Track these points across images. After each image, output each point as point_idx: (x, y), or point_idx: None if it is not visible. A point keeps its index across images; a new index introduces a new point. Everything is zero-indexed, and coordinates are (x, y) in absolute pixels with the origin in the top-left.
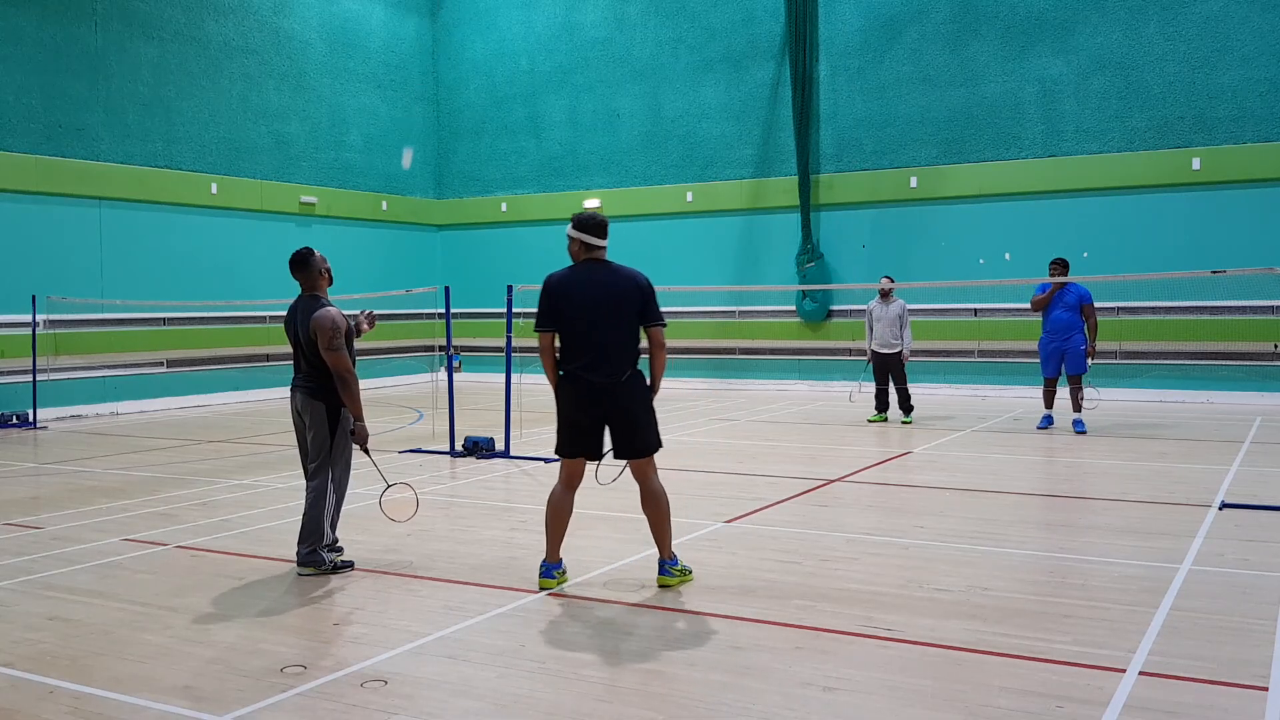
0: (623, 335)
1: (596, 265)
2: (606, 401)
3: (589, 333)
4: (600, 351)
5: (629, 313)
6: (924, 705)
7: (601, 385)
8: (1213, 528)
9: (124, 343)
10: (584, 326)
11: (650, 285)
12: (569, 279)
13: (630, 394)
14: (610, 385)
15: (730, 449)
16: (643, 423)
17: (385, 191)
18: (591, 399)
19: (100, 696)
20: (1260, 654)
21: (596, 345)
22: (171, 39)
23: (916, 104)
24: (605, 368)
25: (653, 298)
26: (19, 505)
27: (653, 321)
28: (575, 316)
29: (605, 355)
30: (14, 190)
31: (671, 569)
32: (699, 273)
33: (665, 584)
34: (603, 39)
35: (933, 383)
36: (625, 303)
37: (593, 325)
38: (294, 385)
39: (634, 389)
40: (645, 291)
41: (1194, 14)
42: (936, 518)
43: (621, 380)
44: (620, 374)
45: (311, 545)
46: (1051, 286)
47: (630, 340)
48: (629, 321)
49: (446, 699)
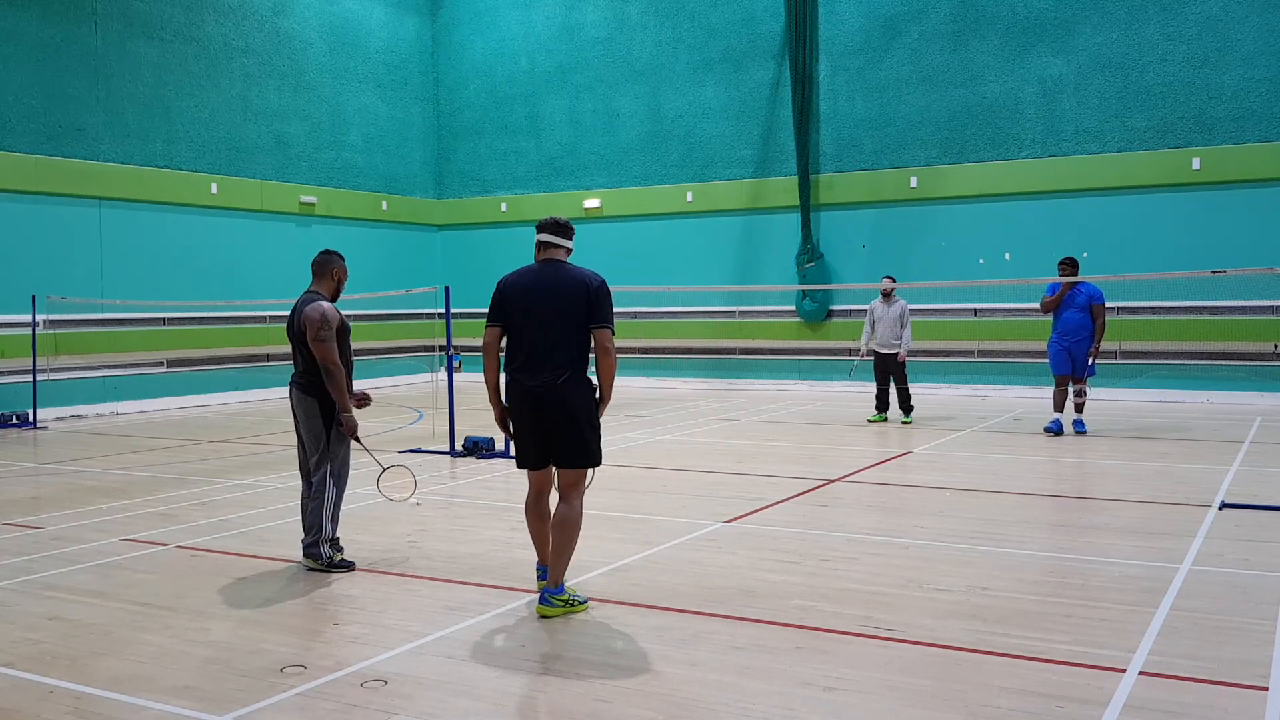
0: (562, 337)
1: (549, 265)
2: (543, 406)
3: (529, 333)
4: (537, 353)
5: (573, 314)
6: (924, 705)
7: (536, 389)
8: (1213, 528)
9: (124, 343)
10: (525, 326)
11: (603, 287)
12: (519, 278)
13: (567, 399)
14: (545, 389)
15: (730, 449)
16: (578, 432)
17: (385, 191)
18: (528, 403)
19: (100, 696)
20: (1260, 654)
21: (534, 346)
22: (172, 39)
23: (916, 104)
24: (541, 371)
25: (602, 300)
26: (19, 505)
27: (597, 323)
28: (519, 316)
29: (541, 357)
30: (14, 190)
31: (554, 599)
32: (699, 273)
33: (545, 614)
34: (603, 39)
35: (933, 383)
36: (570, 303)
37: (533, 326)
38: (290, 381)
39: (573, 395)
40: (594, 292)
41: (1194, 14)
42: (936, 518)
43: (558, 384)
44: (556, 377)
45: (313, 538)
46: (1061, 287)
47: (571, 343)
48: (572, 323)
49: (446, 699)
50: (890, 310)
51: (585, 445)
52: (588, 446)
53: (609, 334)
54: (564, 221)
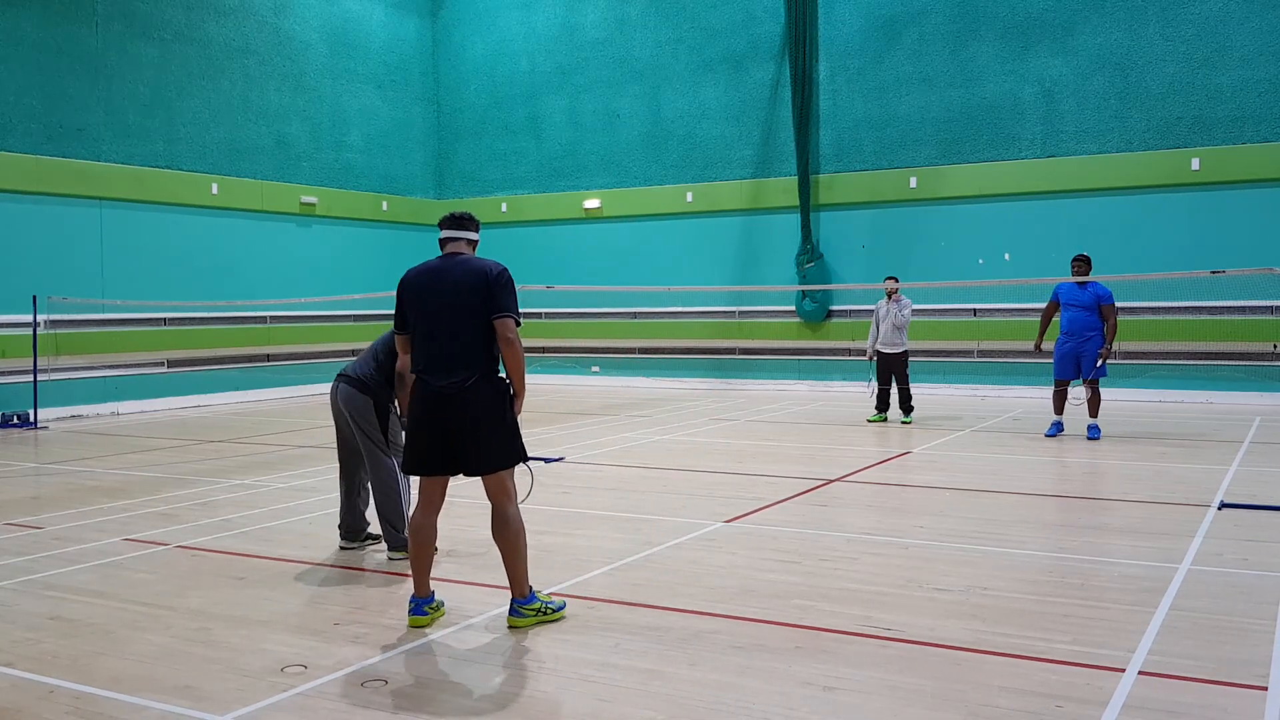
0: (463, 333)
1: (449, 259)
2: (449, 410)
3: (429, 332)
4: (438, 352)
5: (472, 307)
6: (924, 705)
7: (442, 391)
8: (1212, 528)
9: (124, 343)
10: (424, 325)
11: (503, 275)
12: (417, 274)
13: (474, 402)
14: (451, 392)
15: (730, 449)
16: (487, 435)
17: (385, 191)
18: (432, 406)
19: (100, 696)
20: (1260, 654)
21: (434, 345)
22: (172, 39)
23: (916, 104)
24: (444, 372)
25: (504, 289)
26: (19, 505)
27: (497, 312)
28: (418, 314)
29: (443, 356)
30: (14, 190)
31: (522, 609)
32: (699, 273)
33: (515, 625)
34: (603, 39)
35: (933, 383)
36: (467, 295)
37: (432, 323)
38: (338, 378)
39: (480, 397)
40: (492, 281)
41: (1194, 14)
42: (936, 518)
43: (466, 386)
44: (462, 379)
45: (396, 528)
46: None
47: (474, 340)
48: (471, 317)
49: (446, 699)
50: (893, 310)
51: (500, 446)
52: (503, 446)
53: (511, 324)
54: (463, 214)
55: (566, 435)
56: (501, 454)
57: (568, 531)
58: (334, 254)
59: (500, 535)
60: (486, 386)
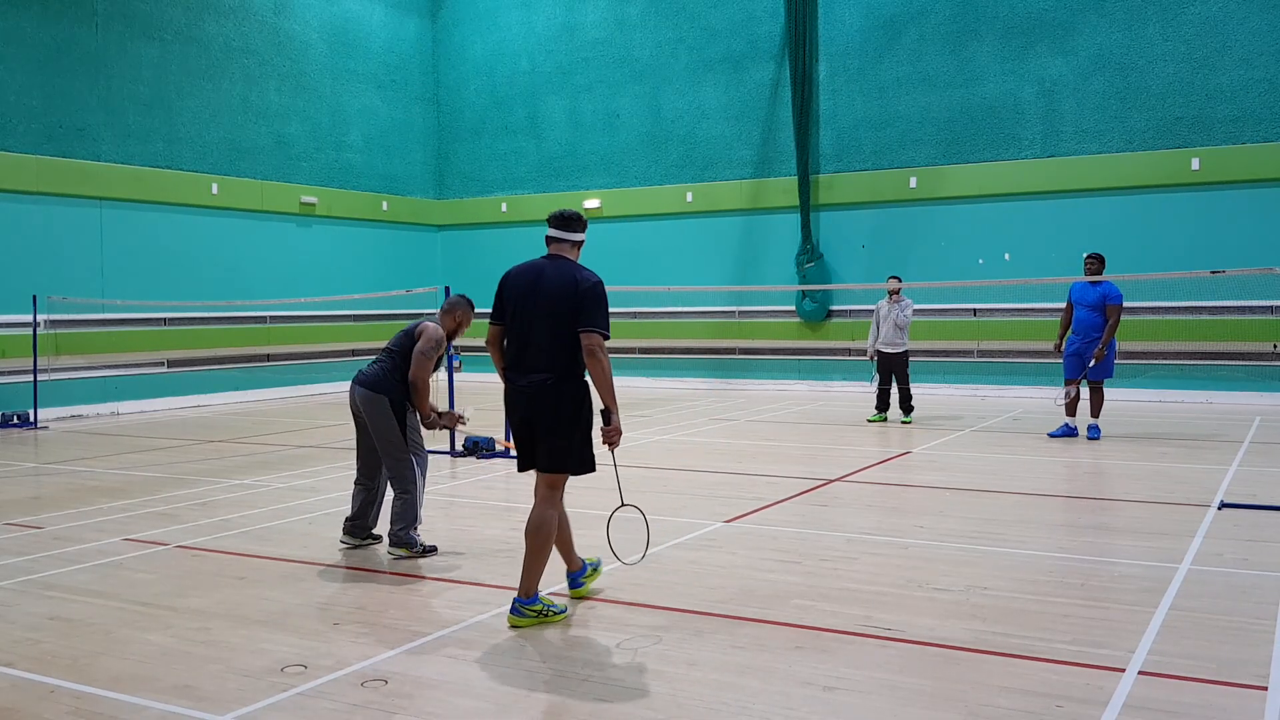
0: (548, 338)
1: (550, 261)
2: (528, 407)
3: (520, 332)
4: (524, 351)
5: (560, 313)
6: (924, 705)
7: (524, 389)
8: (1212, 527)
9: (124, 343)
10: (517, 325)
11: (595, 289)
12: (519, 273)
13: (550, 403)
14: (531, 390)
15: (730, 449)
16: (558, 436)
17: (385, 191)
18: (515, 402)
19: (100, 696)
20: (1260, 654)
21: (522, 344)
22: (172, 39)
23: (916, 104)
24: (527, 371)
25: (593, 302)
26: (19, 505)
27: (584, 326)
28: (513, 311)
29: (528, 356)
30: (14, 190)
31: (525, 609)
32: (699, 273)
33: (516, 625)
34: (603, 39)
35: (932, 383)
36: (557, 301)
37: (524, 324)
38: (354, 380)
39: (557, 398)
40: (583, 293)
41: (1194, 14)
42: (936, 518)
43: (545, 385)
44: (542, 379)
45: (404, 525)
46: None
47: (557, 344)
48: (559, 323)
49: (446, 699)
50: (895, 311)
51: (563, 451)
52: (565, 452)
53: (597, 338)
54: (571, 215)
55: None
56: (565, 456)
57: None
58: (334, 254)
59: (533, 534)
60: (564, 388)
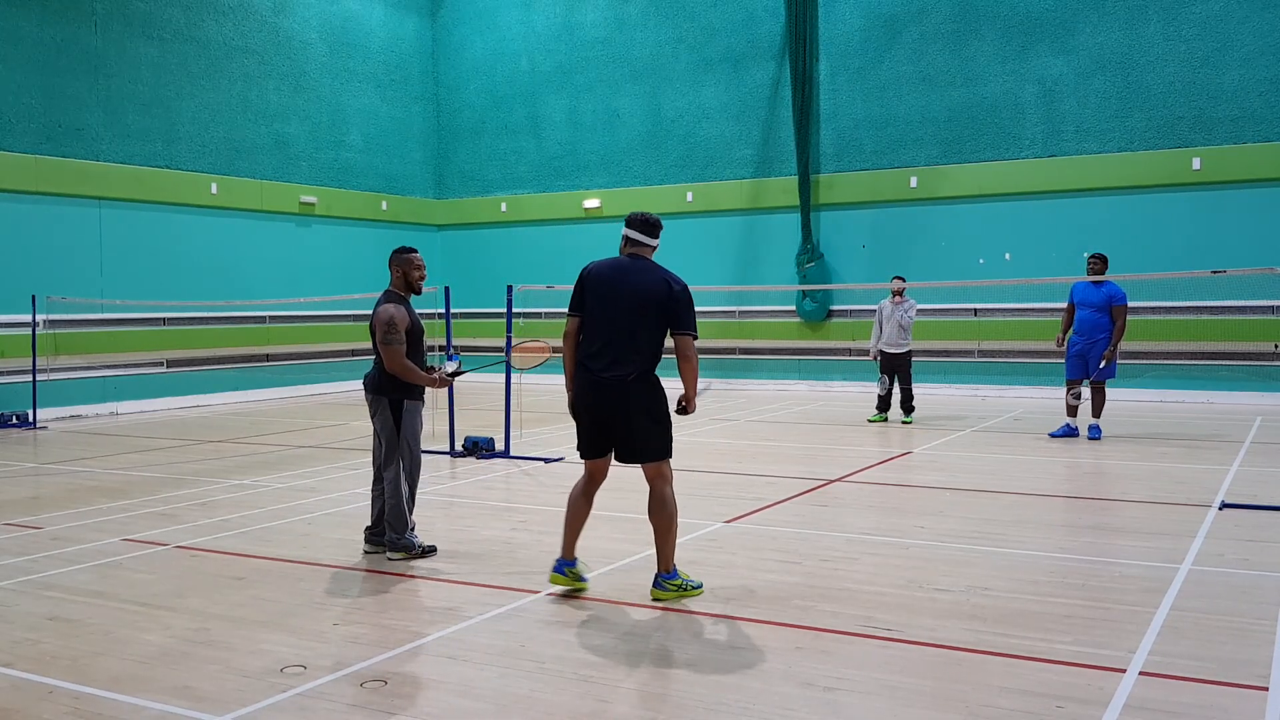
0: (634, 333)
1: (634, 261)
2: (608, 399)
3: (603, 325)
4: (608, 345)
5: (649, 313)
6: (924, 705)
7: (604, 381)
8: (1213, 528)
9: (124, 343)
10: (600, 317)
11: (685, 293)
12: (603, 268)
13: (633, 396)
14: (612, 383)
15: (730, 449)
16: (641, 428)
17: (385, 191)
18: (593, 393)
19: (99, 697)
20: (1260, 654)
21: (606, 339)
22: (171, 39)
23: (916, 104)
24: (610, 364)
25: (686, 306)
26: (19, 505)
27: (680, 329)
28: (596, 306)
29: (612, 350)
30: (14, 190)
31: (666, 583)
32: (699, 273)
33: (659, 598)
34: (603, 39)
35: (933, 383)
36: (647, 301)
37: (608, 318)
38: (363, 379)
39: (639, 392)
40: (675, 296)
41: (1194, 14)
42: (936, 518)
43: (628, 380)
44: (625, 374)
45: (399, 530)
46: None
47: (643, 341)
48: (647, 321)
49: (446, 699)
50: (898, 311)
51: (659, 440)
52: (661, 440)
53: (691, 341)
54: (653, 219)
55: (567, 435)
56: (660, 447)
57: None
58: (334, 254)
59: (656, 515)
60: (646, 384)
